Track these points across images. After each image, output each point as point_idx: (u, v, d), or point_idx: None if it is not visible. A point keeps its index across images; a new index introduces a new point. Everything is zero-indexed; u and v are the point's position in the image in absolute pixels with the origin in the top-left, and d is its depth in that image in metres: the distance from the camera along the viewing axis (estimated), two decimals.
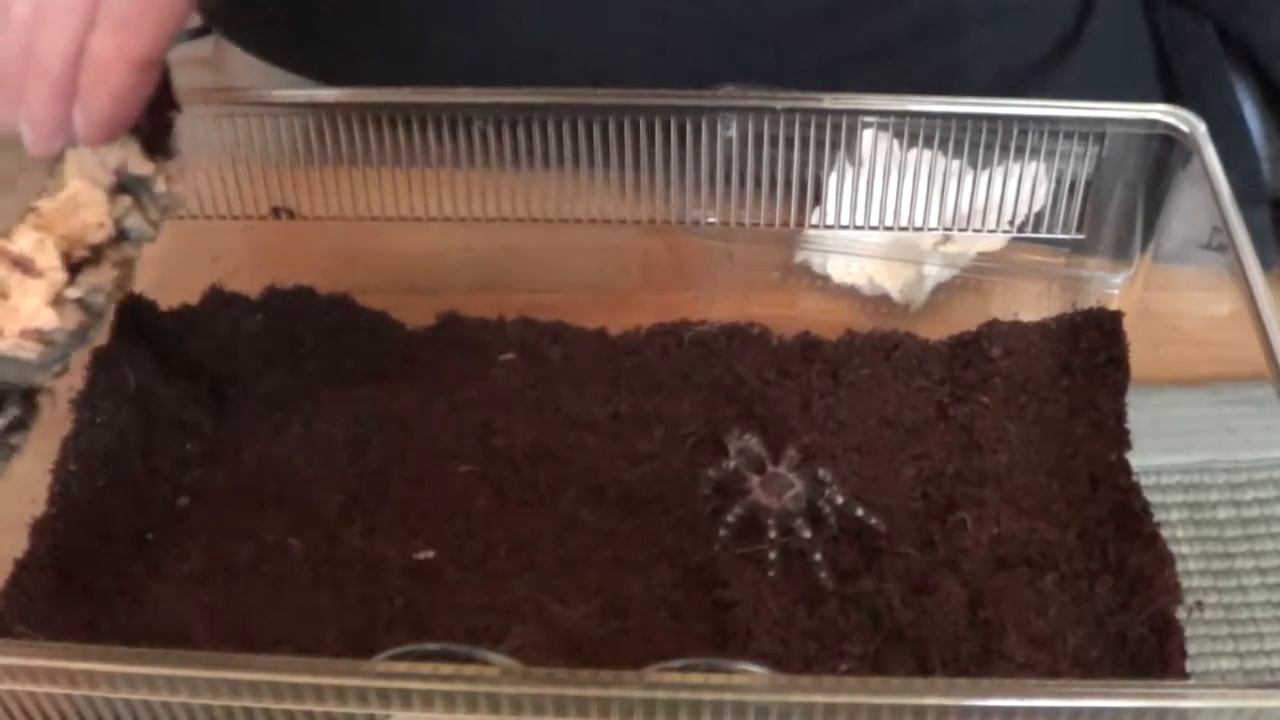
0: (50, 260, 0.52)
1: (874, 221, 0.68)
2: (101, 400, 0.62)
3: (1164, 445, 0.62)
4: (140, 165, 0.54)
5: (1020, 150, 0.65)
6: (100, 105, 0.50)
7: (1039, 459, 0.60)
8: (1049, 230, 0.67)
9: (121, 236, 0.54)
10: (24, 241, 0.52)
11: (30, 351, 0.52)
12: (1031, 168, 0.65)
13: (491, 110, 0.64)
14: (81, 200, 0.52)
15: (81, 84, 0.50)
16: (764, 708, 0.44)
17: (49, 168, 0.53)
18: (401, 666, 0.45)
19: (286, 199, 0.68)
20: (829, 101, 0.65)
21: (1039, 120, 0.64)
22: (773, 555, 0.56)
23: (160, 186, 0.54)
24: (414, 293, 0.68)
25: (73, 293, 0.52)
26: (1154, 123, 0.63)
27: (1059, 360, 0.64)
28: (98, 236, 0.53)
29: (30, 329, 0.51)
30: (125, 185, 0.54)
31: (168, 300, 0.66)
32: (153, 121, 0.53)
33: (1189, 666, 0.53)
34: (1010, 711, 0.43)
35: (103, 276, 0.53)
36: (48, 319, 0.51)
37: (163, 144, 0.54)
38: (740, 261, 0.70)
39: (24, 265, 0.52)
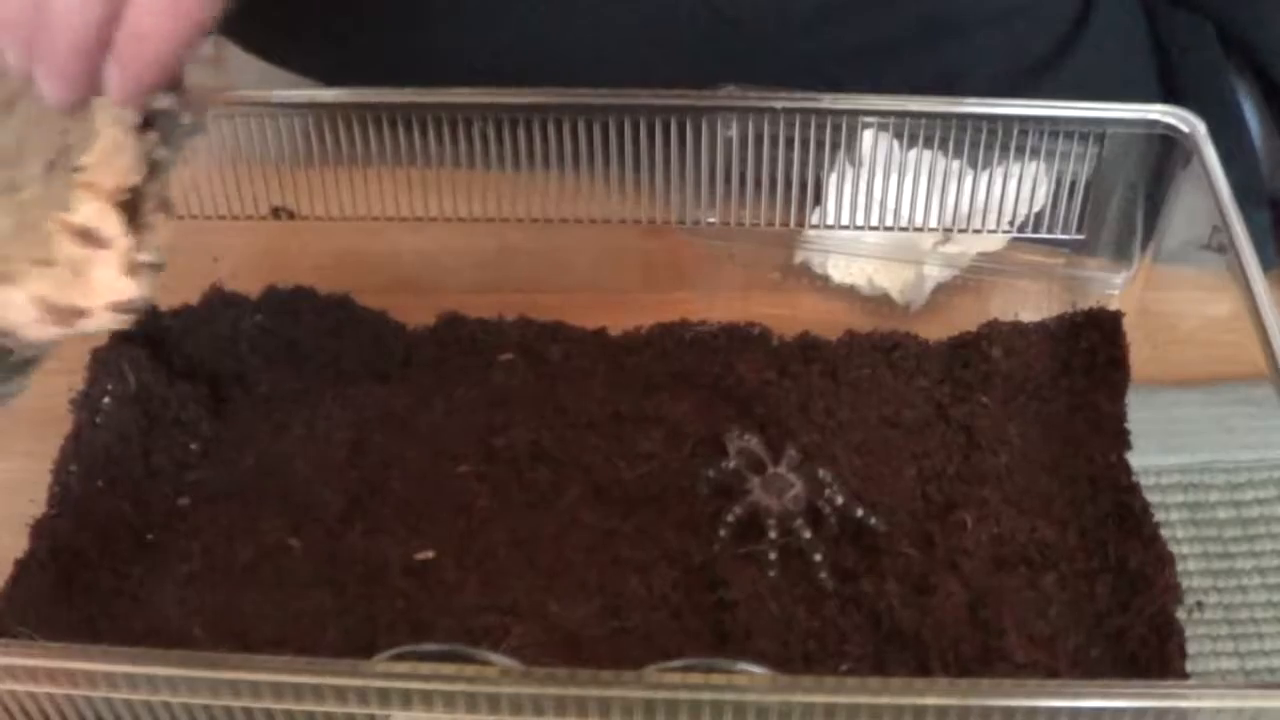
0: (115, 228, 0.51)
1: (874, 221, 0.68)
2: (101, 400, 0.62)
3: (1164, 445, 0.62)
4: (163, 99, 0.52)
5: (1020, 150, 0.65)
6: (147, 71, 0.48)
7: (1039, 459, 0.60)
8: (1049, 230, 0.67)
9: (152, 172, 0.53)
10: (86, 212, 0.51)
11: (120, 323, 0.51)
12: (1031, 168, 0.65)
13: (491, 110, 0.64)
14: (117, 147, 0.51)
15: (127, 48, 0.48)
16: (764, 708, 0.44)
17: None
18: (401, 666, 0.45)
19: (286, 199, 0.68)
20: (829, 101, 0.64)
21: (1039, 120, 0.64)
22: (773, 555, 0.56)
23: (184, 118, 0.53)
24: (414, 293, 0.68)
25: (143, 257, 0.51)
26: (1154, 123, 0.63)
27: (1059, 360, 0.64)
28: (134, 179, 0.52)
29: (120, 302, 0.50)
30: (150, 120, 0.52)
31: (168, 300, 0.66)
32: None
33: (1189, 666, 0.53)
34: (1010, 711, 0.43)
35: (160, 235, 0.52)
36: (127, 288, 0.51)
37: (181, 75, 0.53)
38: (740, 261, 0.70)
39: (90, 237, 0.51)
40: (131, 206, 0.52)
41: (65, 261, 0.50)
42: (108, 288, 0.50)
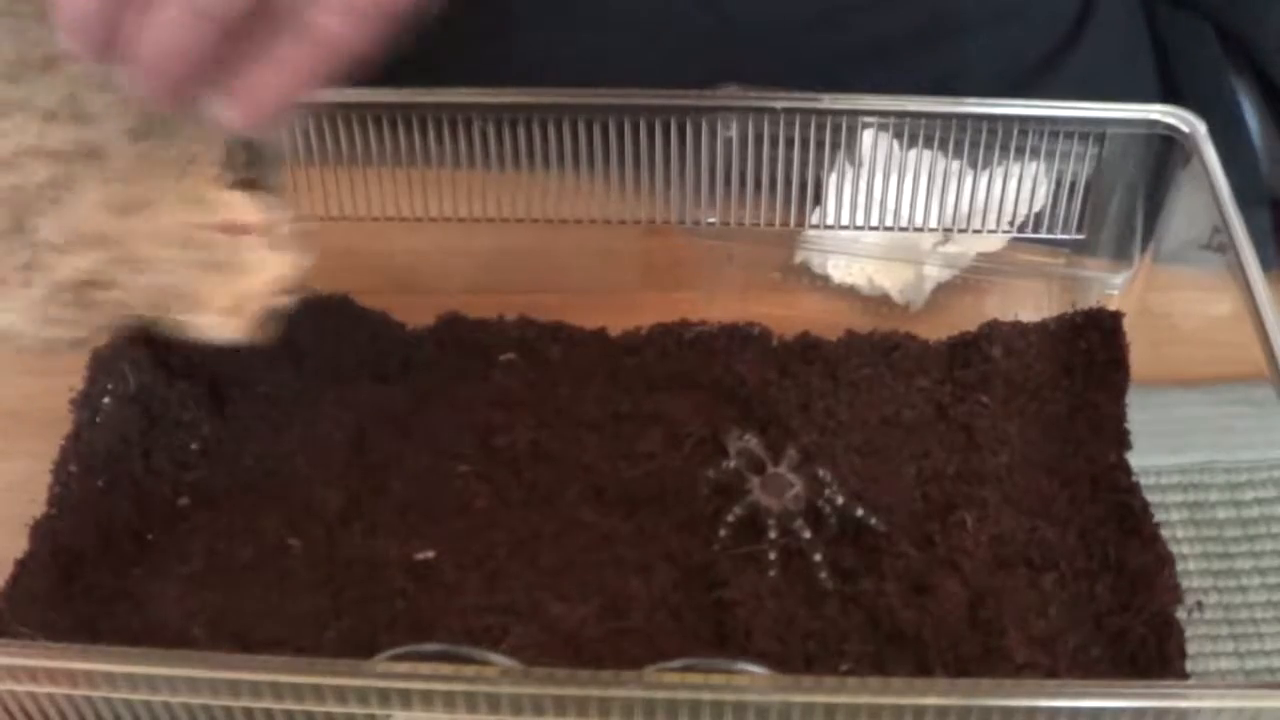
0: (257, 212, 0.51)
1: (874, 221, 0.68)
2: (101, 400, 0.62)
3: (1164, 445, 0.62)
4: None
5: (1020, 150, 0.65)
6: (266, 117, 0.46)
7: (1039, 459, 0.60)
8: (1049, 230, 0.67)
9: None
10: (229, 205, 0.51)
11: (288, 298, 0.51)
12: (1031, 168, 0.65)
13: (491, 110, 0.64)
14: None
15: (251, 95, 0.46)
16: (764, 708, 0.44)
17: None
18: (401, 666, 0.45)
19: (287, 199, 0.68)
20: (829, 101, 0.65)
21: (1039, 120, 0.64)
22: (773, 555, 0.56)
23: None
24: (414, 293, 0.68)
25: (290, 227, 0.51)
26: (1154, 123, 0.63)
27: (1059, 360, 0.64)
28: (226, 139, 0.52)
29: (281, 278, 0.51)
30: None
31: None
32: None
33: (1189, 666, 0.53)
34: (1010, 711, 0.43)
35: (284, 202, 0.52)
36: (283, 262, 0.51)
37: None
38: (740, 261, 0.70)
39: (237, 228, 0.51)
40: (233, 165, 0.52)
41: (230, 262, 0.51)
42: (267, 267, 0.51)
